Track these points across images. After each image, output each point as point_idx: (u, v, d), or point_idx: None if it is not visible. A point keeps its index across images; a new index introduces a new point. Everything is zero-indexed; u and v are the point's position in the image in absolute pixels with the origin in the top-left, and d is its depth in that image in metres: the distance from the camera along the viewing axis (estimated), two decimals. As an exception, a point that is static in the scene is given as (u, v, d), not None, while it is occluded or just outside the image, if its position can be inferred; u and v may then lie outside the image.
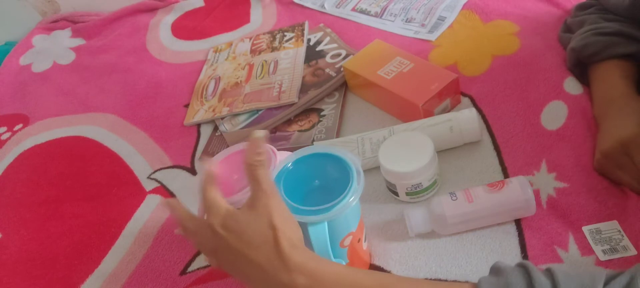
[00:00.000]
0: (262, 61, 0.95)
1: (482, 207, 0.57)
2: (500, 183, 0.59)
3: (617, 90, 0.63)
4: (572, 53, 0.70)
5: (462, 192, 0.59)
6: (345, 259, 0.54)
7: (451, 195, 0.59)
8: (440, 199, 0.59)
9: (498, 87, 0.76)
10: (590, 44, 0.67)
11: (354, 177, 0.50)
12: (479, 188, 0.59)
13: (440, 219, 0.58)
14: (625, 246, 0.53)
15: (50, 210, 0.81)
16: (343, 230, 0.52)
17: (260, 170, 0.46)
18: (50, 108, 1.03)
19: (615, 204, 0.57)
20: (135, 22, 1.21)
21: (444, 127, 0.68)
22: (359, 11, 1.02)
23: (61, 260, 0.73)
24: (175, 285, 0.65)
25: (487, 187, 0.58)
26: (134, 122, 0.94)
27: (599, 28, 0.68)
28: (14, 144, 0.97)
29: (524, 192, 0.57)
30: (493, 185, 0.59)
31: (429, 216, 0.59)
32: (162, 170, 0.82)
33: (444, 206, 0.58)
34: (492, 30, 0.86)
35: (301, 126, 0.80)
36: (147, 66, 1.07)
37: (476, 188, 0.59)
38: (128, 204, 0.78)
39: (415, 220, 0.59)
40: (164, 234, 0.72)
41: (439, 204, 0.59)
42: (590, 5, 0.74)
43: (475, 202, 0.58)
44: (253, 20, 1.11)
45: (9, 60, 1.19)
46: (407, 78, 0.75)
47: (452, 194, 0.59)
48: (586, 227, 0.56)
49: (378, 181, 0.68)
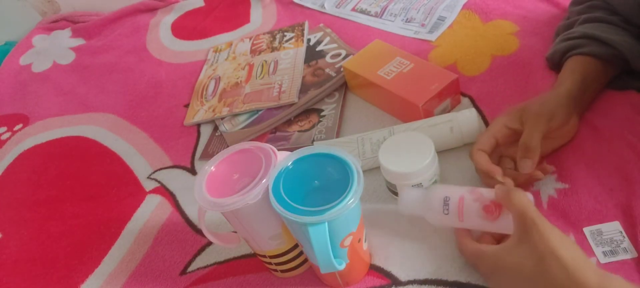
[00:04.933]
0: (262, 61, 0.95)
1: (472, 226, 0.55)
2: (498, 210, 0.53)
3: (559, 82, 0.65)
4: (547, 62, 0.75)
5: (456, 204, 0.54)
6: (345, 259, 0.54)
7: (444, 207, 0.55)
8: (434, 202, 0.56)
9: (498, 87, 0.76)
10: (557, 51, 0.70)
11: (354, 178, 0.50)
12: (474, 207, 0.53)
13: (431, 217, 0.57)
14: (626, 248, 0.53)
15: (50, 210, 0.81)
16: (343, 231, 0.52)
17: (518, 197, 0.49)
18: (50, 108, 1.03)
19: (616, 205, 0.57)
20: (135, 22, 1.21)
21: (444, 127, 0.68)
22: (359, 11, 1.02)
23: (61, 260, 0.73)
24: (175, 285, 0.65)
25: (483, 212, 0.53)
26: (134, 122, 0.94)
27: (568, 34, 0.70)
28: (14, 144, 0.97)
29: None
30: (489, 211, 0.53)
31: (423, 205, 0.57)
32: (162, 170, 0.82)
33: (435, 214, 0.56)
34: (491, 30, 0.86)
35: (301, 126, 0.80)
36: (147, 66, 1.07)
37: (472, 203, 0.54)
38: (128, 204, 0.78)
39: (409, 199, 0.57)
40: (164, 234, 0.72)
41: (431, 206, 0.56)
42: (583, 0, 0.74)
43: (466, 221, 0.54)
44: (253, 20, 1.11)
45: (9, 60, 1.20)
46: (407, 78, 0.75)
47: (445, 206, 0.55)
48: (587, 228, 0.56)
49: (378, 181, 0.68)
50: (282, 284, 0.61)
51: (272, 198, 0.50)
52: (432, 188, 0.58)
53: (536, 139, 0.58)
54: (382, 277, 0.59)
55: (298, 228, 0.51)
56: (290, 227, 0.53)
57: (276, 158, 0.54)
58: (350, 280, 0.58)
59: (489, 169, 0.58)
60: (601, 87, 0.68)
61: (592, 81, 0.66)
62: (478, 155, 0.60)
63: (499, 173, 0.58)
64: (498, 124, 0.62)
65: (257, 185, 0.51)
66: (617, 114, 0.66)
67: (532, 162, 0.58)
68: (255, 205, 0.51)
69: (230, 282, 0.63)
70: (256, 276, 0.63)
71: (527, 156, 0.58)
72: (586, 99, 0.66)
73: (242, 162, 0.55)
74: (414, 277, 0.57)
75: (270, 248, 0.57)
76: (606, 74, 0.67)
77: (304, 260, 0.60)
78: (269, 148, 0.55)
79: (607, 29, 0.67)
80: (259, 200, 0.51)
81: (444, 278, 0.56)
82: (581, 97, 0.64)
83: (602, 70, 0.66)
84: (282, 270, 0.60)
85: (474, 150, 0.61)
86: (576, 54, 0.67)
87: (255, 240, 0.56)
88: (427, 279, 0.57)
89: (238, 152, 0.56)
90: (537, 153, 0.58)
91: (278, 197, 0.50)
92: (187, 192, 0.77)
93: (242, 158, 0.56)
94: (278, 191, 0.50)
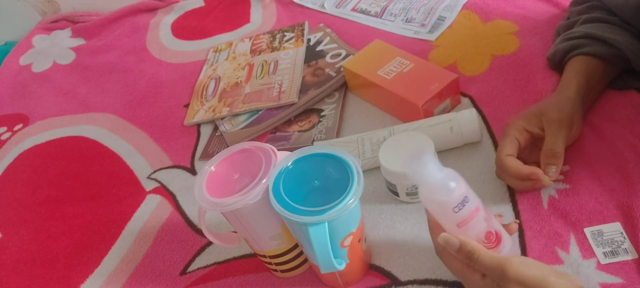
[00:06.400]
0: (262, 61, 0.95)
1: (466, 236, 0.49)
2: (497, 240, 0.50)
3: (562, 83, 0.65)
4: (548, 61, 0.74)
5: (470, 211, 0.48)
6: (345, 259, 0.54)
7: (458, 205, 0.48)
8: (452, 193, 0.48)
9: (498, 87, 0.76)
10: (558, 51, 0.70)
11: (354, 178, 0.50)
12: (480, 225, 0.49)
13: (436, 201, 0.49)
14: (626, 249, 0.53)
15: (50, 210, 0.81)
16: (343, 231, 0.52)
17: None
18: (50, 108, 1.03)
19: (617, 205, 0.57)
20: (135, 22, 1.21)
21: (444, 127, 0.68)
22: (359, 11, 1.02)
23: (61, 260, 0.73)
24: (175, 285, 0.65)
25: (484, 237, 0.49)
26: (134, 122, 0.94)
27: (569, 34, 0.70)
28: (14, 144, 0.97)
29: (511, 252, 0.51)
30: (489, 239, 0.49)
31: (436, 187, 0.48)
32: (162, 170, 0.82)
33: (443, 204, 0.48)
34: (491, 30, 0.86)
35: (301, 126, 0.80)
36: (147, 66, 1.07)
37: (481, 221, 0.49)
38: (128, 204, 0.78)
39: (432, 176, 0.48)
40: (164, 234, 0.72)
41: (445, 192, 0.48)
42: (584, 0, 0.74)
43: (464, 231, 0.49)
44: (253, 20, 1.11)
45: (9, 60, 1.20)
46: (407, 78, 0.75)
47: (460, 205, 0.48)
48: (588, 229, 0.56)
49: (378, 181, 0.68)
50: (282, 284, 0.61)
51: (272, 198, 0.50)
52: (454, 175, 0.49)
53: (561, 145, 0.58)
54: (382, 277, 0.59)
55: (298, 228, 0.51)
56: (290, 227, 0.53)
57: (276, 158, 0.54)
58: (350, 280, 0.58)
59: (530, 172, 0.57)
60: (603, 87, 0.68)
61: (595, 82, 0.66)
62: (510, 161, 0.59)
63: (541, 173, 0.57)
64: (517, 128, 0.61)
65: (257, 185, 0.51)
66: (618, 114, 0.66)
67: (557, 168, 0.58)
68: (255, 205, 0.51)
69: (230, 282, 0.63)
70: (256, 276, 0.63)
71: (553, 162, 0.58)
72: (589, 100, 0.66)
73: (242, 162, 0.55)
74: (414, 277, 0.57)
75: (270, 248, 0.57)
76: (607, 74, 0.67)
77: (304, 260, 0.60)
78: (269, 148, 0.55)
79: (608, 29, 0.67)
80: (259, 200, 0.51)
81: (443, 278, 0.56)
82: (585, 98, 0.64)
83: (604, 70, 0.66)
84: (282, 270, 0.60)
85: (503, 157, 0.59)
86: (578, 53, 0.67)
87: (255, 240, 0.56)
88: (427, 279, 0.57)
89: (238, 152, 0.56)
90: (562, 159, 0.58)
91: (278, 197, 0.50)
92: (187, 192, 0.77)
93: (242, 158, 0.56)
94: (278, 191, 0.50)
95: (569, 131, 0.60)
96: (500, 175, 0.61)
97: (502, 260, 0.46)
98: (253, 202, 0.51)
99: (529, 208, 0.60)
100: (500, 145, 0.60)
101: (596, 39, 0.66)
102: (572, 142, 0.63)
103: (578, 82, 0.64)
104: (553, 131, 0.59)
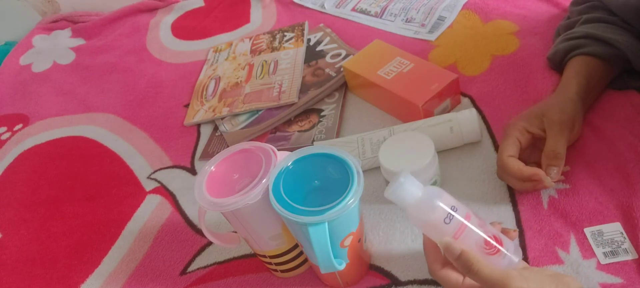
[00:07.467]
0: (262, 61, 0.95)
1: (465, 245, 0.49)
2: (498, 244, 0.49)
3: (563, 83, 0.65)
4: (548, 61, 0.74)
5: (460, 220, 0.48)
6: (345, 259, 0.54)
7: (447, 216, 0.48)
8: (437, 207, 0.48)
9: (498, 87, 0.76)
10: (559, 51, 0.70)
11: (354, 178, 0.50)
12: (476, 233, 0.48)
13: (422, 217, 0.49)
14: (626, 249, 0.53)
15: (50, 210, 0.81)
16: (343, 231, 0.52)
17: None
18: (50, 108, 1.03)
19: (617, 205, 0.57)
20: (135, 22, 1.21)
21: (444, 127, 0.68)
22: (359, 11, 1.02)
23: (61, 260, 0.73)
24: (175, 285, 0.65)
25: (484, 243, 0.48)
26: (134, 122, 0.94)
27: (569, 34, 0.70)
28: (14, 144, 0.97)
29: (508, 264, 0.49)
30: (489, 246, 0.48)
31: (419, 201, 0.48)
32: (162, 170, 0.82)
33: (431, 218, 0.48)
34: (491, 30, 0.86)
35: (301, 126, 0.80)
36: (147, 66, 1.07)
37: (476, 228, 0.48)
38: (128, 204, 0.78)
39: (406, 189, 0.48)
40: (164, 234, 0.72)
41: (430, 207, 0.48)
42: (584, 0, 0.74)
43: (461, 241, 0.48)
44: (253, 20, 1.11)
45: (9, 60, 1.19)
46: (407, 78, 0.75)
47: (449, 216, 0.48)
48: (588, 229, 0.56)
49: (378, 181, 0.68)
50: (282, 284, 0.61)
51: (272, 198, 0.50)
52: (437, 190, 0.49)
53: (563, 147, 0.58)
54: (382, 277, 0.59)
55: (298, 228, 0.51)
56: (290, 227, 0.53)
57: (276, 158, 0.54)
58: (350, 280, 0.58)
59: (532, 173, 0.57)
60: (603, 87, 0.68)
61: (595, 82, 0.66)
62: (512, 162, 0.58)
63: (542, 175, 0.57)
64: (518, 128, 0.60)
65: (257, 185, 0.51)
66: (618, 114, 0.66)
67: (558, 169, 0.57)
68: (255, 205, 0.51)
69: (230, 282, 0.63)
70: (256, 276, 0.63)
71: (555, 164, 0.58)
72: (589, 100, 0.66)
73: (242, 162, 0.55)
74: (414, 277, 0.57)
75: (270, 248, 0.57)
76: (608, 74, 0.67)
77: (304, 260, 0.60)
78: (269, 148, 0.55)
79: (609, 29, 0.67)
80: (259, 200, 0.51)
81: (444, 279, 0.56)
82: (586, 98, 0.64)
83: (604, 70, 0.66)
84: (282, 270, 0.60)
85: (504, 158, 0.59)
86: (578, 53, 0.67)
87: (255, 240, 0.56)
88: (427, 279, 0.57)
89: (238, 152, 0.56)
90: (563, 160, 0.58)
91: (278, 197, 0.50)
92: (187, 192, 0.77)
93: (242, 158, 0.56)
94: (278, 191, 0.50)
95: (570, 132, 0.60)
96: (502, 176, 0.61)
97: (503, 275, 0.45)
98: (253, 202, 0.51)
99: (529, 209, 0.60)
100: (501, 146, 0.60)
101: (596, 39, 0.66)
102: (572, 142, 0.63)
103: (578, 83, 0.64)
104: (555, 132, 0.59)
